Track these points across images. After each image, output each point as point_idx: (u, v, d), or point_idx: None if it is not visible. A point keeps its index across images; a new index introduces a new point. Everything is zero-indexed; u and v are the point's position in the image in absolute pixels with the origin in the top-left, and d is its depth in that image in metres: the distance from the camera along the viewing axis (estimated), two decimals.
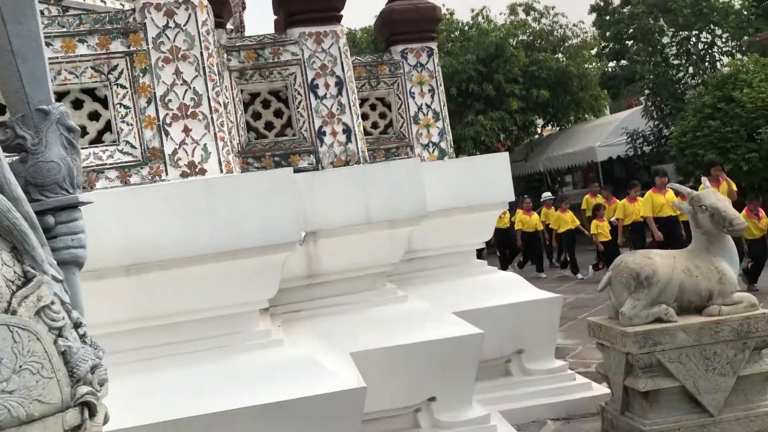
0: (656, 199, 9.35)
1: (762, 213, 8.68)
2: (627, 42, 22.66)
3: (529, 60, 18.53)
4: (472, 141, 17.57)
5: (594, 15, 26.84)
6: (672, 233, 9.13)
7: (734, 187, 9.04)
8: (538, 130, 23.10)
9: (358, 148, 4.44)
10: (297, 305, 4.35)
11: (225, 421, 3.10)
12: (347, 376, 3.43)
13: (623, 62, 24.38)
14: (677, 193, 5.78)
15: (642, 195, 10.65)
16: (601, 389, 4.89)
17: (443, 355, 4.02)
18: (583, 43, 20.27)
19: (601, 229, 11.22)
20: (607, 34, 30.65)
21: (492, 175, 5.33)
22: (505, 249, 13.91)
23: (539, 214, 13.63)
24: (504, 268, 13.08)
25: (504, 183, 5.35)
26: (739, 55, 14.39)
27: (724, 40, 14.61)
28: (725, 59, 14.46)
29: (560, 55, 19.96)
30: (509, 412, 4.77)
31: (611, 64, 32.55)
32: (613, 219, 11.15)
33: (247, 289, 3.44)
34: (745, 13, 15.79)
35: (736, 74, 12.82)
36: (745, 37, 15.72)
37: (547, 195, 14.34)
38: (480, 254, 13.13)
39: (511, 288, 5.23)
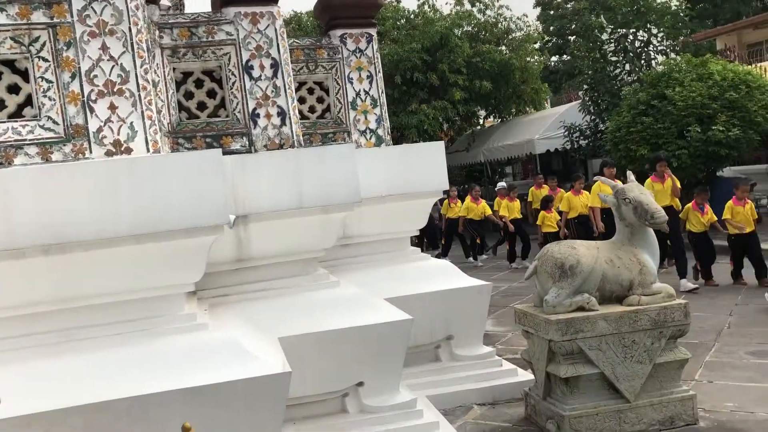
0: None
1: (707, 207, 8.72)
2: (570, 37, 23.15)
3: (473, 51, 18.69)
4: (415, 129, 17.64)
5: (538, 9, 27.34)
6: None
7: (678, 184, 9.08)
8: (481, 121, 23.41)
9: (292, 131, 4.40)
10: (226, 289, 4.30)
11: (147, 404, 3.05)
12: (272, 360, 3.42)
13: (565, 57, 24.93)
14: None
15: (586, 188, 10.73)
16: (526, 375, 5.01)
17: (372, 340, 4.05)
18: (527, 36, 20.55)
19: (548, 221, 11.20)
20: (551, 28, 31.26)
21: (427, 163, 5.37)
22: (460, 238, 13.78)
23: (493, 203, 13.69)
24: (468, 256, 13.27)
25: (439, 171, 5.40)
26: (673, 55, 14.85)
27: (659, 39, 15.05)
28: (660, 58, 14.91)
29: (504, 48, 20.21)
30: (437, 396, 4.84)
31: (554, 58, 33.19)
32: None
33: (172, 271, 3.38)
34: (681, 14, 16.32)
35: (669, 73, 13.23)
36: (681, 38, 16.25)
37: (501, 185, 14.41)
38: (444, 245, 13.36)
39: (443, 275, 5.29)
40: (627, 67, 15.13)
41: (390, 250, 5.46)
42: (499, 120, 22.24)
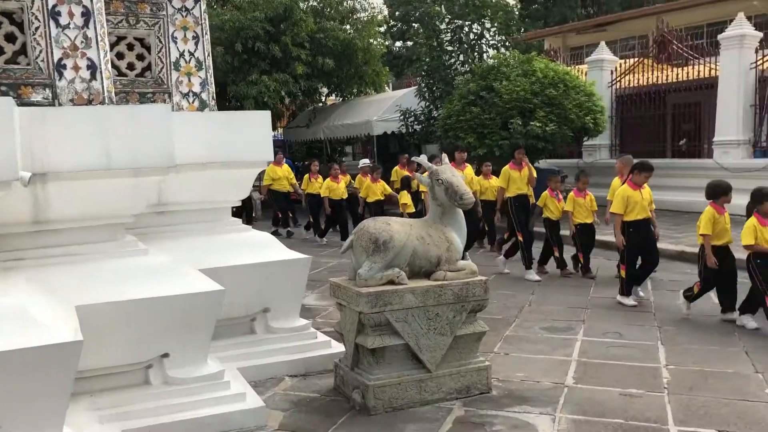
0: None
1: (560, 195, 8.75)
2: (414, 24, 23.75)
3: (318, 27, 18.61)
4: (253, 100, 17.27)
5: None
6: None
7: (534, 173, 9.18)
8: (323, 99, 23.43)
9: (103, 87, 4.12)
10: (21, 253, 3.97)
11: None
12: (63, 329, 3.20)
13: (408, 43, 25.57)
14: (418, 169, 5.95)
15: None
16: (340, 347, 5.10)
17: (179, 311, 3.92)
18: (371, 18, 20.80)
19: (409, 200, 10.95)
20: (396, 13, 31.84)
21: (252, 133, 5.25)
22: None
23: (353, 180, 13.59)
24: (322, 235, 12.83)
25: (264, 142, 5.31)
26: (503, 50, 15.75)
27: (492, 34, 15.88)
28: (492, 52, 15.74)
29: (348, 27, 20.32)
30: (249, 369, 4.81)
31: (398, 43, 33.91)
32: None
33: None
34: (514, 12, 17.31)
35: (498, 67, 14.00)
36: (512, 35, 17.23)
37: (365, 162, 14.27)
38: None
39: (261, 247, 5.23)
40: (461, 57, 15.80)
41: (208, 219, 5.32)
42: (341, 99, 22.39)
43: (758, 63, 13.06)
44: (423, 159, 4.91)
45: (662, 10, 19.39)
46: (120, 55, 5.16)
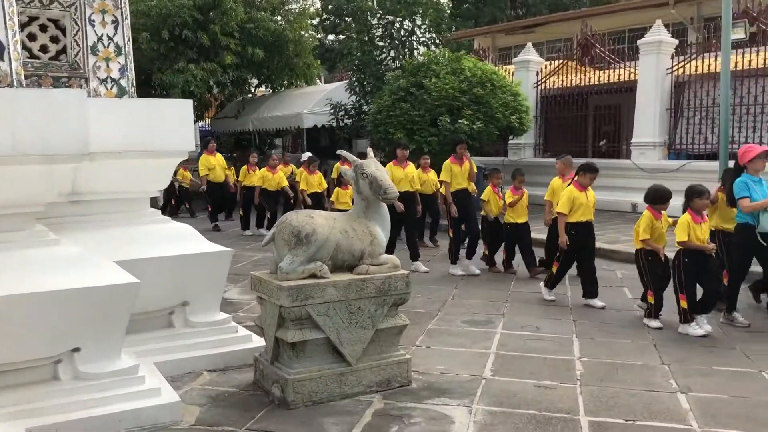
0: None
1: (501, 192, 8.73)
2: (347, 18, 23.67)
3: (248, 17, 18.31)
4: (180, 90, 16.84)
5: None
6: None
7: (475, 168, 9.06)
8: (252, 90, 23.07)
9: (11, 68, 3.92)
10: None
11: None
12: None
13: (341, 36, 25.48)
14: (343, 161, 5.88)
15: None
16: (261, 341, 5.04)
17: (90, 303, 3.79)
18: (303, 10, 20.63)
19: (342, 197, 10.51)
20: (329, 6, 31.66)
21: (173, 121, 5.11)
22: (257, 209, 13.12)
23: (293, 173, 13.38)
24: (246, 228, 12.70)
25: (185, 131, 5.18)
26: (434, 48, 15.88)
27: (423, 31, 15.99)
28: (422, 49, 15.85)
29: (279, 18, 20.09)
30: (167, 363, 4.70)
31: (330, 37, 33.74)
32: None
33: None
34: (444, 11, 17.47)
35: (428, 64, 14.12)
36: (442, 33, 17.39)
37: (307, 155, 14.00)
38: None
39: (181, 239, 5.11)
40: (392, 53, 15.85)
41: (126, 210, 5.16)
42: (271, 90, 22.11)
43: (674, 69, 13.66)
44: (347, 153, 4.89)
45: (587, 14, 20.02)
46: (32, 37, 4.93)
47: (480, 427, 3.95)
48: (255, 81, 22.26)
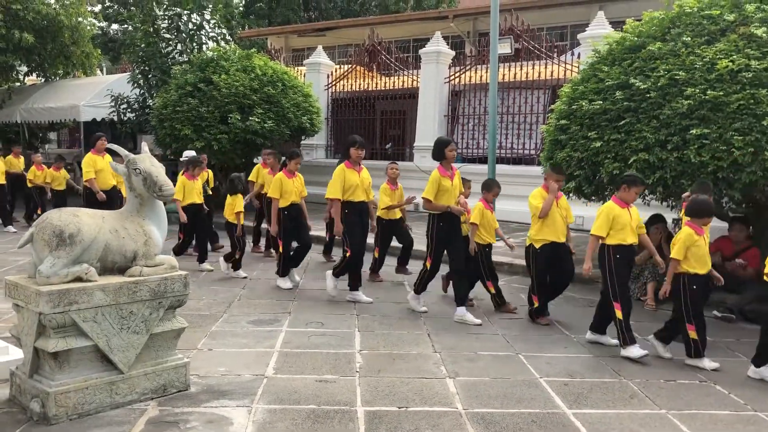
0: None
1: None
2: (132, 8, 22.28)
3: None
4: None
5: None
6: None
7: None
8: (21, 78, 20.88)
9: None
10: None
11: None
12: None
13: (127, 27, 23.92)
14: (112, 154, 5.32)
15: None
16: (20, 353, 4.57)
17: None
18: None
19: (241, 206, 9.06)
20: None
21: None
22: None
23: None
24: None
25: None
26: (223, 44, 15.54)
27: (212, 26, 15.57)
28: (212, 44, 15.43)
29: (53, 2, 18.40)
30: None
31: (114, 26, 31.58)
32: None
33: None
34: (241, 8, 17.10)
35: (218, 60, 13.79)
36: (238, 31, 17.07)
37: (189, 153, 12.42)
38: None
39: None
40: (179, 46, 15.24)
41: None
42: (44, 79, 20.17)
43: (451, 78, 14.70)
44: (117, 147, 4.60)
45: (375, 22, 20.81)
46: None
47: (259, 426, 3.93)
48: (24, 68, 20.19)
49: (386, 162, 9.95)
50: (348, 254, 6.99)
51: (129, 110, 15.64)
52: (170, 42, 15.20)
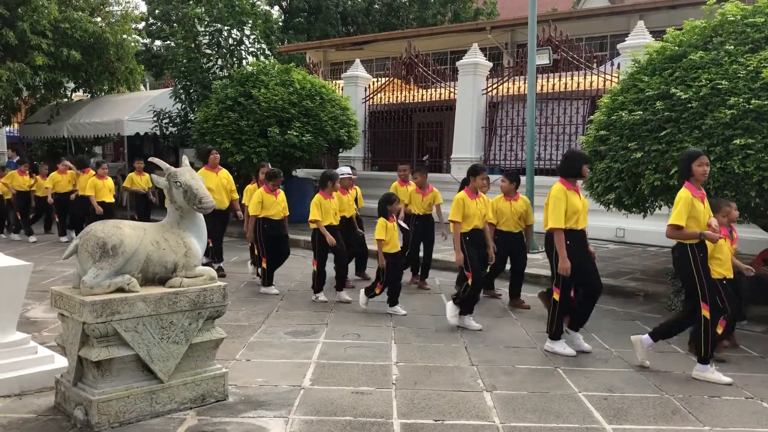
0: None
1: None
2: (174, 24, 22.82)
3: (63, 16, 17.08)
4: None
5: None
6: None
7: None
8: (69, 94, 21.52)
9: None
10: None
11: None
12: None
13: (170, 43, 24.50)
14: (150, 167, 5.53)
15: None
16: (64, 362, 4.68)
17: None
18: (126, 13, 19.62)
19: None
20: (156, 11, 30.40)
21: None
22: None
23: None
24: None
25: None
26: (263, 58, 15.78)
27: (251, 41, 15.84)
28: (251, 59, 15.69)
29: (99, 19, 18.96)
30: None
31: (158, 42, 32.34)
32: None
33: None
34: (273, 23, 17.38)
35: (257, 74, 14.02)
36: (277, 46, 17.33)
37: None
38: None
39: None
40: (219, 62, 15.53)
41: None
42: (90, 95, 20.75)
43: (488, 90, 14.66)
44: (159, 160, 4.70)
45: (412, 35, 20.90)
46: None
47: None
48: (72, 85, 20.80)
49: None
50: (469, 281, 6.52)
51: (171, 125, 15.97)
52: (211, 57, 15.49)
